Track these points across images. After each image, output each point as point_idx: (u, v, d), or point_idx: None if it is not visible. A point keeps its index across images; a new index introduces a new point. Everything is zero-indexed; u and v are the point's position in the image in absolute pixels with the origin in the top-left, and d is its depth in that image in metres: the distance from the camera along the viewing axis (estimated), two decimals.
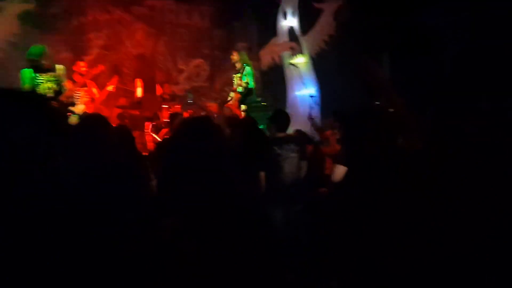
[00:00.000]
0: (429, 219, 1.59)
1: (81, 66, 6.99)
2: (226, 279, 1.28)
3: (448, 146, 1.94)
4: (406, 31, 6.81)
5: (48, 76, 5.87)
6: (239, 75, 7.25)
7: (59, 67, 6.06)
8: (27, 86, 5.76)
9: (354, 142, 1.78)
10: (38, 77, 5.78)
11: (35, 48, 5.87)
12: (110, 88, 7.11)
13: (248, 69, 7.22)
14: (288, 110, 8.14)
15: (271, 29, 8.89)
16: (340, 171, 2.65)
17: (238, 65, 7.34)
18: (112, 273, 1.16)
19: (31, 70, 5.74)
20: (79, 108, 6.49)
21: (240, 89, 7.27)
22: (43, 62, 5.78)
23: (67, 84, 6.20)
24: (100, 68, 7.03)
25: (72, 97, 6.38)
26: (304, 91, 7.95)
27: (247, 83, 7.14)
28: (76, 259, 1.07)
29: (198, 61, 9.56)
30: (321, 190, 4.79)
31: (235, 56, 7.42)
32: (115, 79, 7.17)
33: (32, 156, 1.08)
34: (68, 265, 1.04)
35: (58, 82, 5.94)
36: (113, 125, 4.45)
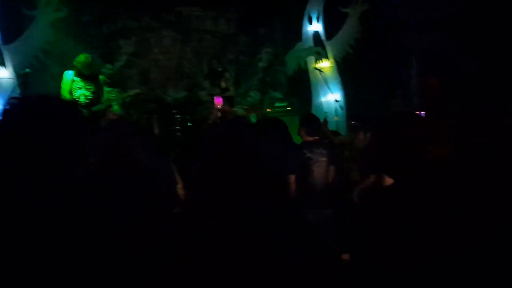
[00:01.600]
0: (466, 228, 1.57)
1: (109, 68, 7.26)
2: (263, 277, 1.29)
3: (477, 151, 1.92)
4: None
5: (86, 83, 6.22)
6: None
7: (101, 77, 6.41)
8: (64, 88, 6.08)
9: (387, 149, 1.77)
10: (77, 82, 6.15)
11: (81, 56, 6.25)
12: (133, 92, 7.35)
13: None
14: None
15: (296, 34, 8.91)
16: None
17: None
18: (147, 271, 1.19)
19: (72, 73, 6.12)
20: (113, 110, 6.78)
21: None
22: (86, 70, 6.16)
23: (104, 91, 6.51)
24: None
25: (108, 100, 6.67)
26: (329, 96, 7.94)
27: None
28: (105, 258, 1.10)
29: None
30: (351, 196, 4.79)
31: None
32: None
33: (67, 156, 1.14)
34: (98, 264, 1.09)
35: (94, 91, 6.26)
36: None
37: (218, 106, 7.26)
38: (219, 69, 7.58)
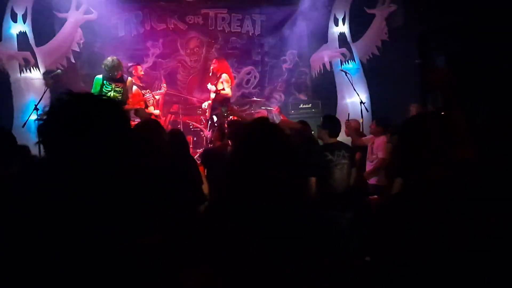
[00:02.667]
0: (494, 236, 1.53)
1: (140, 70, 7.43)
2: (288, 282, 1.29)
3: (504, 152, 1.87)
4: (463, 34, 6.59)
5: (115, 86, 6.40)
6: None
7: (129, 80, 6.58)
8: (94, 91, 6.27)
9: (413, 151, 1.74)
10: (106, 85, 6.34)
11: (110, 59, 6.43)
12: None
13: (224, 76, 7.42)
14: (338, 117, 8.11)
15: (322, 36, 8.88)
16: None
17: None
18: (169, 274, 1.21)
19: (102, 78, 6.31)
20: (154, 111, 7.01)
21: (213, 95, 7.51)
22: (115, 72, 6.33)
23: (133, 94, 6.70)
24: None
25: (143, 101, 6.88)
26: (354, 98, 7.87)
27: (223, 89, 7.33)
28: (134, 258, 1.12)
29: (248, 68, 9.72)
30: (372, 198, 4.74)
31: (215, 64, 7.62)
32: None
33: (110, 155, 1.17)
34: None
35: (122, 93, 6.44)
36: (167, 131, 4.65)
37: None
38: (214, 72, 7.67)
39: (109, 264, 1.08)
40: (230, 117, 7.10)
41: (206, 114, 7.82)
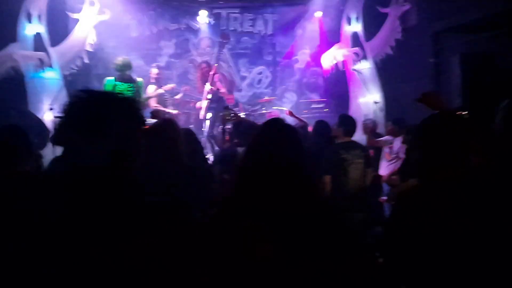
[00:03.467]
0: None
1: (154, 73, 7.48)
2: (302, 281, 1.28)
3: None
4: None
5: (127, 86, 6.44)
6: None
7: (140, 80, 6.62)
8: None
9: (429, 152, 1.72)
10: (119, 86, 6.38)
11: (120, 59, 6.48)
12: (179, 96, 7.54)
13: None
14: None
15: (334, 35, 8.83)
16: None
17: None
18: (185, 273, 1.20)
19: (114, 78, 6.36)
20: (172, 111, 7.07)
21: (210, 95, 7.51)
22: (126, 72, 6.37)
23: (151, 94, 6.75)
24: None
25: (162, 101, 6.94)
26: (367, 98, 7.82)
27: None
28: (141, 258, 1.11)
29: (260, 67, 9.71)
30: (382, 199, 4.70)
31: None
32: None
33: (128, 150, 1.17)
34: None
35: (135, 93, 6.48)
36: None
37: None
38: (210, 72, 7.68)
39: (119, 263, 1.08)
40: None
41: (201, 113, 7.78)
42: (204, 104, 7.68)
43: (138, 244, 1.11)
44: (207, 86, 7.62)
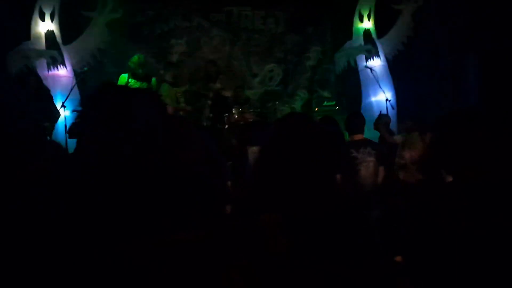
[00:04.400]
0: None
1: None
2: (318, 277, 1.27)
3: None
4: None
5: (140, 84, 6.51)
6: None
7: (153, 80, 6.68)
8: None
9: (452, 148, 1.68)
10: (131, 83, 6.45)
11: (134, 57, 6.56)
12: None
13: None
14: (363, 114, 8.00)
15: (346, 32, 8.77)
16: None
17: None
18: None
19: (127, 75, 6.42)
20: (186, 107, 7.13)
21: None
22: (140, 70, 6.44)
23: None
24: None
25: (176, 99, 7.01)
26: (380, 95, 7.75)
27: None
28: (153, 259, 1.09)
29: (271, 65, 9.68)
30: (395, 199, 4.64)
31: None
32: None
33: (148, 145, 1.15)
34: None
35: None
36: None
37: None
38: (215, 72, 7.71)
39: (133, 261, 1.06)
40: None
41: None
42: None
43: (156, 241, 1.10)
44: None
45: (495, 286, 1.47)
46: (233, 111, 7.49)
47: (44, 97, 6.02)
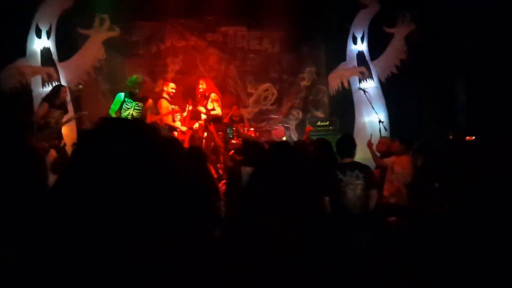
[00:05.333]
0: None
1: (170, 87, 7.55)
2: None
3: None
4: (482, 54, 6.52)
5: (136, 104, 6.56)
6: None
7: (150, 101, 6.74)
8: (113, 108, 6.44)
9: (446, 176, 1.75)
10: (127, 103, 6.50)
11: (133, 77, 6.63)
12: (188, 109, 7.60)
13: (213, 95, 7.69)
14: (356, 135, 8.05)
15: (340, 54, 8.89)
16: None
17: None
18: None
19: (124, 94, 6.48)
20: (181, 127, 7.15)
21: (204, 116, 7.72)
22: (137, 90, 6.50)
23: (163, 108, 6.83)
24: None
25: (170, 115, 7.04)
26: (373, 116, 7.82)
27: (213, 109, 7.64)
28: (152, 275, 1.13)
29: (266, 85, 9.77)
30: (391, 219, 4.64)
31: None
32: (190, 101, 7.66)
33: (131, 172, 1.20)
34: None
35: (141, 112, 6.61)
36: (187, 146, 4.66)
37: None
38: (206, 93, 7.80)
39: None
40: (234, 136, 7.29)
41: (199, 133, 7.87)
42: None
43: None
44: (200, 108, 7.71)
45: None
46: (228, 130, 7.54)
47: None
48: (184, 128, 7.45)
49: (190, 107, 7.65)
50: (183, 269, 1.20)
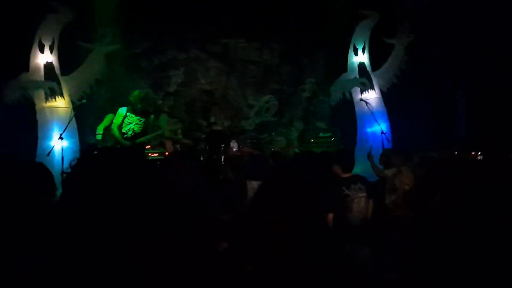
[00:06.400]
0: None
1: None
2: None
3: None
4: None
5: (137, 119, 6.58)
6: None
7: (151, 117, 6.76)
8: (115, 122, 6.46)
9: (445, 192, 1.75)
10: (129, 117, 6.53)
11: (135, 92, 6.68)
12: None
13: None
14: (358, 147, 8.05)
15: (341, 65, 8.92)
16: None
17: None
18: None
19: (126, 109, 6.50)
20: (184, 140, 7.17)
21: None
22: (139, 105, 6.52)
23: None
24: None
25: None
26: (375, 127, 7.83)
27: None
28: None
29: (268, 96, 9.79)
30: (393, 231, 4.63)
31: None
32: None
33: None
34: None
35: (143, 127, 6.62)
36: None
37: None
38: (208, 105, 7.81)
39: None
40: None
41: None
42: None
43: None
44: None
45: None
46: (230, 143, 7.55)
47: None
48: (186, 140, 7.46)
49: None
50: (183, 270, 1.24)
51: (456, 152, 5.85)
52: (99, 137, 7.27)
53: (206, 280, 1.28)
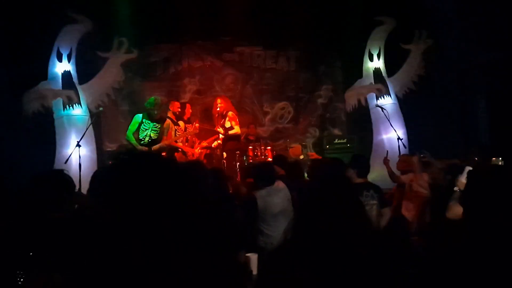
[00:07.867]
0: None
1: (177, 106, 7.65)
2: None
3: None
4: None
5: (153, 125, 6.63)
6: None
7: (167, 122, 6.79)
8: (131, 129, 6.52)
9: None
10: (145, 124, 6.59)
11: (151, 98, 6.74)
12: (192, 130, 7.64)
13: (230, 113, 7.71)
14: (374, 153, 7.96)
15: (356, 71, 8.87)
16: None
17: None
18: None
19: (142, 115, 6.56)
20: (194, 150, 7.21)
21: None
22: (155, 112, 6.58)
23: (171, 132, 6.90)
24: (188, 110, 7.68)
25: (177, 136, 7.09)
26: (391, 133, 7.73)
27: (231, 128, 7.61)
28: None
29: (283, 103, 9.77)
30: (414, 238, 4.54)
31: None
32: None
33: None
34: None
35: (159, 133, 6.67)
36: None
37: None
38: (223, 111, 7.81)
39: None
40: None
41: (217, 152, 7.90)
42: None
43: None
44: (219, 129, 7.74)
45: None
46: (244, 157, 7.55)
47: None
48: (186, 149, 7.46)
49: (197, 125, 7.73)
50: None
51: (476, 158, 5.72)
52: (133, 141, 6.75)
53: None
